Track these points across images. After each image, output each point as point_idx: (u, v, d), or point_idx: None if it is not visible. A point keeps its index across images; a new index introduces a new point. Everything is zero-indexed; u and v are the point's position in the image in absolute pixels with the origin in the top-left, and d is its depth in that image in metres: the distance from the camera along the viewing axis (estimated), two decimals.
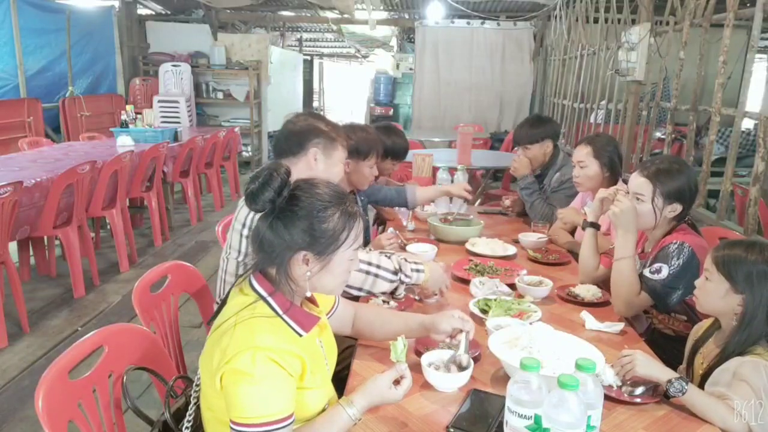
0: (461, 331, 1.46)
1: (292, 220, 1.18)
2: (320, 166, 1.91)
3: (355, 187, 2.51)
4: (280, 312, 1.20)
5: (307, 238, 1.18)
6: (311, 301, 1.34)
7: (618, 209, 1.88)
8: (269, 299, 1.20)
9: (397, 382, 1.24)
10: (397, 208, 3.00)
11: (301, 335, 1.21)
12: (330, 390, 1.35)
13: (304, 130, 1.92)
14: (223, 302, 1.27)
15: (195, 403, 1.28)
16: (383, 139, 2.99)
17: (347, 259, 1.23)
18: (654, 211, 1.87)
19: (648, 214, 1.89)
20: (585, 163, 2.50)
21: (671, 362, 1.54)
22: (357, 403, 1.20)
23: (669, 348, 1.79)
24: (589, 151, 2.50)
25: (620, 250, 1.87)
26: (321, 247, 1.19)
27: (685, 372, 1.61)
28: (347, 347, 1.82)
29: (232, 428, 1.11)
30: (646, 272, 1.84)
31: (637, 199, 1.89)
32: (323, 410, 1.27)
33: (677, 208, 1.88)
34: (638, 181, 1.91)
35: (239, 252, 1.79)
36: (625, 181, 2.52)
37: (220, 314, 1.23)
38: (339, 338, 1.71)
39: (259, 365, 1.10)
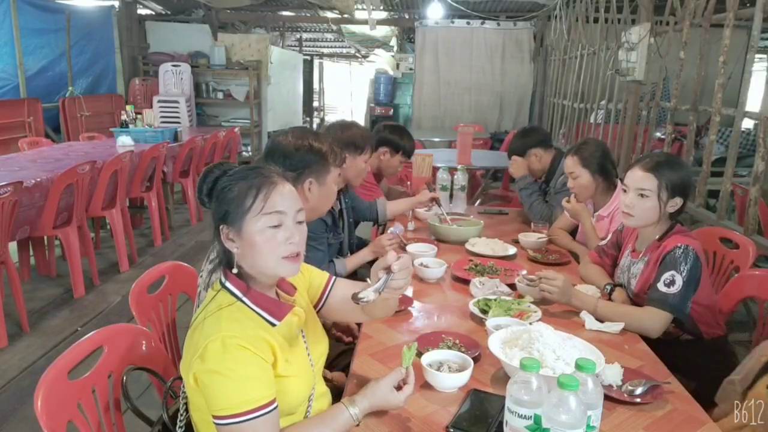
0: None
1: (213, 201, 1.24)
2: (314, 196, 1.82)
3: (350, 182, 2.43)
4: (239, 294, 1.19)
5: (221, 211, 1.21)
6: (286, 291, 1.32)
7: (553, 290, 1.80)
8: (226, 283, 1.21)
9: (399, 387, 1.23)
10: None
11: (273, 324, 1.20)
12: (312, 379, 1.31)
13: (296, 156, 1.78)
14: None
15: (184, 402, 1.27)
16: (394, 137, 3.04)
17: (261, 230, 1.17)
18: (659, 205, 1.84)
19: (652, 210, 1.85)
20: (576, 174, 2.47)
21: (669, 364, 1.54)
22: (359, 403, 1.20)
23: (662, 350, 1.78)
24: (576, 161, 2.46)
25: (585, 308, 1.82)
26: (232, 217, 1.19)
27: (747, 388, 1.44)
28: (344, 350, 1.82)
29: (215, 424, 1.10)
30: (660, 287, 1.76)
31: (641, 195, 1.85)
32: (307, 399, 1.27)
33: (678, 202, 1.85)
34: (639, 176, 1.86)
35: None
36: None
37: (195, 314, 1.25)
38: (333, 338, 1.70)
39: (230, 353, 1.09)
